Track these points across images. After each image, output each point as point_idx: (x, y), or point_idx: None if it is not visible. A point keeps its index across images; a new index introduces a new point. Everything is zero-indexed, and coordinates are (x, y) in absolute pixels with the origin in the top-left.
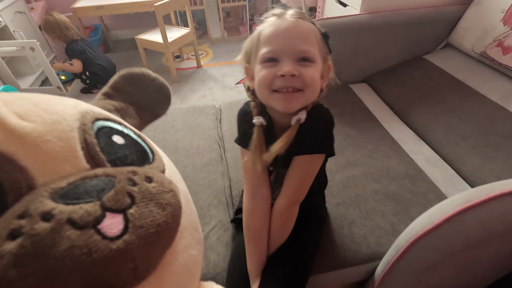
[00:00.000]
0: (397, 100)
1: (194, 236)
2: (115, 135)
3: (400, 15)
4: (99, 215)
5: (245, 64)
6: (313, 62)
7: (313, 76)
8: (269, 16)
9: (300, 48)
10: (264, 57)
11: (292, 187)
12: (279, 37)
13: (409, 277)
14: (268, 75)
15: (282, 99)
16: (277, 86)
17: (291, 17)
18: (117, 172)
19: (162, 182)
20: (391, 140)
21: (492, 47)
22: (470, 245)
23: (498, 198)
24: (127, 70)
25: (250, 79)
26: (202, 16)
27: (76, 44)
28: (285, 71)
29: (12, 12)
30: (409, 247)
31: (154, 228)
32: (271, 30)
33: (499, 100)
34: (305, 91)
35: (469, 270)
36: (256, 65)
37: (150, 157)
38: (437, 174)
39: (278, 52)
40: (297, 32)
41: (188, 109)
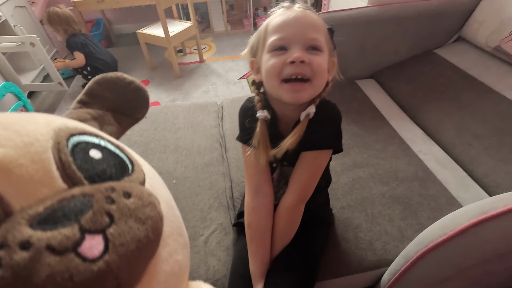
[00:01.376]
0: (406, 97)
1: (179, 241)
2: (91, 150)
3: (411, 8)
4: (79, 238)
5: (251, 58)
6: (321, 51)
7: (322, 64)
8: (277, 8)
9: (310, 36)
10: (273, 45)
11: (300, 183)
12: (289, 25)
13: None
14: (277, 63)
15: (291, 89)
16: (287, 74)
17: (299, 8)
18: (95, 190)
19: (141, 196)
20: (400, 139)
21: (508, 41)
22: (487, 260)
23: None
24: (102, 75)
25: (256, 73)
26: (205, 9)
27: (77, 38)
28: (294, 57)
29: (12, 6)
30: (419, 258)
31: (135, 244)
32: (280, 19)
33: None
34: (313, 81)
35: (483, 283)
36: (264, 55)
37: (129, 168)
38: (448, 176)
39: (288, 39)
40: (306, 21)
41: (190, 107)
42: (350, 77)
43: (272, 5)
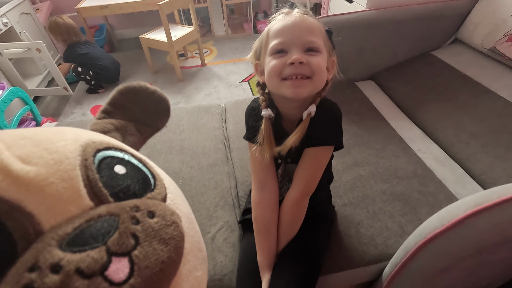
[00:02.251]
0: (405, 97)
1: (198, 257)
2: (116, 165)
3: (408, 11)
4: (106, 261)
5: (255, 61)
6: (319, 52)
7: (320, 63)
8: (277, 15)
9: (307, 39)
10: (273, 48)
11: (304, 179)
12: (287, 30)
13: (418, 280)
14: (278, 64)
15: (291, 85)
16: (287, 74)
17: (297, 13)
18: (120, 210)
19: (164, 216)
20: (399, 139)
21: (502, 42)
22: (483, 249)
23: (511, 201)
24: (125, 85)
25: (260, 75)
26: (206, 13)
27: (75, 49)
28: (293, 58)
29: (18, 13)
30: (418, 250)
31: (159, 267)
32: (279, 25)
33: (510, 97)
34: (313, 78)
35: (480, 273)
36: (266, 58)
37: (151, 183)
38: (447, 173)
39: (287, 43)
40: (303, 25)
41: (194, 109)
42: (350, 78)
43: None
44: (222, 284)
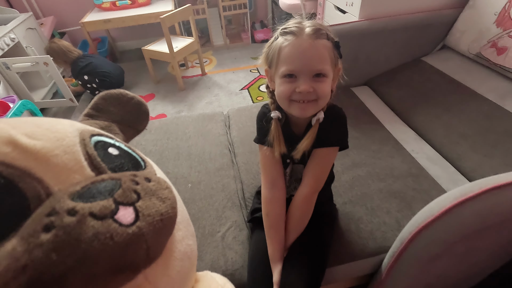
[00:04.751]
0: (398, 101)
1: (189, 230)
2: (110, 148)
3: (398, 21)
4: (114, 208)
5: (266, 67)
6: (326, 76)
7: (326, 90)
8: (287, 31)
9: (316, 67)
10: (284, 74)
11: (313, 177)
12: (297, 58)
13: (414, 268)
14: (287, 90)
15: (299, 107)
16: (295, 98)
17: (308, 38)
18: (121, 175)
19: (159, 181)
20: (394, 140)
21: (487, 48)
22: (468, 235)
23: (490, 191)
24: (106, 92)
25: (270, 80)
26: (204, 24)
27: (77, 64)
28: (302, 89)
29: (24, 28)
30: (412, 239)
31: (159, 217)
32: (289, 50)
33: (495, 99)
34: (318, 101)
35: (469, 260)
36: (276, 78)
37: (142, 165)
38: (439, 171)
39: (296, 71)
40: (313, 54)
41: (198, 117)
42: (346, 84)
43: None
44: (234, 278)
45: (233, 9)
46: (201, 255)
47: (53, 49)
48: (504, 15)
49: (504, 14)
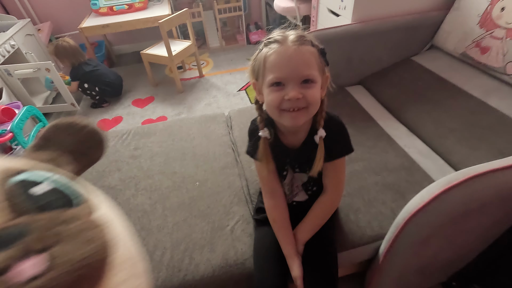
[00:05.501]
0: (390, 99)
1: (136, 268)
2: (36, 186)
3: (388, 23)
4: (8, 263)
5: (253, 80)
6: (314, 82)
7: (315, 95)
8: (271, 40)
9: (303, 73)
10: (271, 82)
11: (334, 186)
12: (283, 65)
13: (408, 251)
14: (276, 98)
15: (290, 117)
16: (285, 107)
17: (293, 44)
18: (39, 218)
19: (87, 221)
20: (387, 136)
21: (471, 48)
22: (454, 219)
23: (472, 179)
24: (57, 121)
25: (258, 93)
26: (200, 27)
27: (82, 68)
28: (291, 96)
29: (23, 35)
30: (405, 224)
31: (80, 262)
32: (275, 58)
33: (480, 95)
34: (309, 108)
35: (457, 241)
36: (264, 88)
37: (76, 202)
38: (430, 164)
39: (284, 78)
40: (299, 59)
41: (201, 118)
42: (341, 84)
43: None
44: (245, 266)
45: (228, 12)
46: (213, 247)
47: (64, 48)
48: (487, 16)
49: (487, 15)
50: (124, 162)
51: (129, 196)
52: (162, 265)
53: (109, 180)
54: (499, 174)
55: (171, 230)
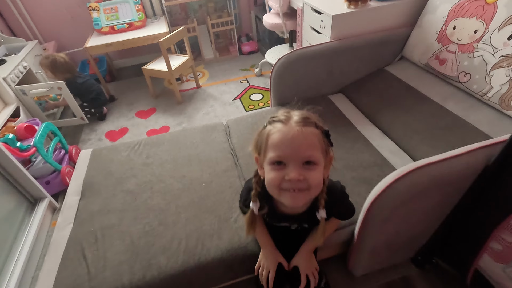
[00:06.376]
0: (367, 105)
1: None
2: None
3: (362, 39)
4: None
5: (256, 154)
6: (316, 164)
7: (317, 178)
8: (276, 119)
9: (305, 154)
10: (272, 160)
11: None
12: (286, 145)
13: (374, 229)
14: (277, 178)
15: (290, 197)
16: (285, 187)
17: (296, 125)
18: None
19: None
20: (363, 138)
21: (432, 60)
22: (404, 201)
23: (414, 171)
24: None
25: (260, 168)
26: (195, 40)
27: (76, 81)
28: (291, 176)
29: (33, 56)
30: (369, 208)
31: None
32: (278, 137)
33: (439, 100)
34: (310, 190)
35: (411, 220)
36: (265, 165)
37: None
38: (398, 161)
39: (285, 158)
40: (302, 140)
41: (203, 128)
42: (324, 93)
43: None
44: (247, 249)
45: (220, 26)
46: (220, 235)
47: (61, 63)
48: (443, 33)
49: (443, 33)
50: (138, 169)
51: (146, 198)
52: (179, 252)
53: (128, 185)
54: (434, 166)
55: (185, 224)
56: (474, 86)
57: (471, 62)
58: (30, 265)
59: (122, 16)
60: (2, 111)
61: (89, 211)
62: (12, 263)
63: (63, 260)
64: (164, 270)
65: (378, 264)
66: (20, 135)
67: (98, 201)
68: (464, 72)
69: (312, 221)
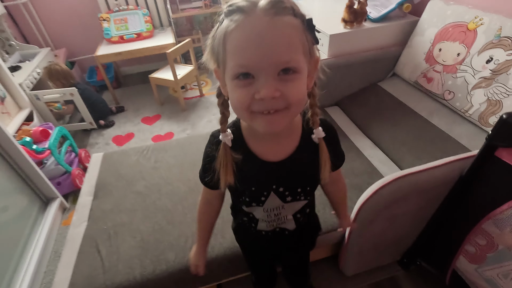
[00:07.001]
0: (359, 118)
1: None
2: None
3: (356, 57)
4: None
5: (214, 66)
6: (297, 72)
7: (299, 92)
8: (233, 8)
9: (281, 59)
10: (235, 73)
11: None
12: (251, 47)
13: (362, 230)
14: (244, 97)
15: (264, 121)
16: (257, 109)
17: (264, 14)
18: None
19: None
20: (356, 148)
21: (420, 78)
22: (388, 205)
23: (397, 179)
24: None
25: (223, 85)
26: (199, 50)
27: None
28: (263, 94)
29: (46, 62)
30: (358, 211)
31: None
32: (239, 36)
33: (426, 115)
34: (290, 109)
35: (396, 222)
36: (227, 80)
37: None
38: (387, 170)
39: (252, 67)
40: (274, 37)
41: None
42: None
43: None
44: None
45: None
46: (223, 234)
47: (56, 71)
48: (430, 54)
49: (430, 54)
50: (147, 173)
51: (154, 199)
52: (186, 248)
53: (137, 187)
54: (415, 175)
55: (190, 224)
56: (457, 103)
57: (454, 81)
58: (43, 260)
59: (131, 26)
60: (17, 115)
61: (102, 210)
62: (27, 258)
63: (80, 254)
64: (172, 265)
65: (366, 265)
66: (35, 138)
67: (110, 201)
68: (449, 91)
69: (310, 168)
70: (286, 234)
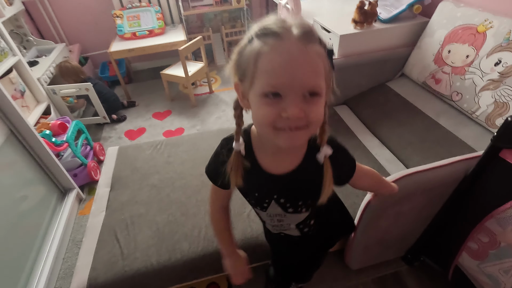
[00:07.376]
0: (367, 117)
1: None
2: None
3: (366, 57)
4: None
5: (236, 79)
6: (320, 95)
7: (318, 113)
8: (267, 32)
9: (309, 83)
10: (265, 92)
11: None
12: (284, 70)
13: (368, 227)
14: (271, 114)
15: (287, 137)
16: (281, 126)
17: (298, 41)
18: None
19: None
20: (363, 147)
21: (429, 79)
22: (394, 203)
23: (403, 178)
24: None
25: (241, 98)
26: (209, 47)
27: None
28: (290, 113)
29: (61, 57)
30: (365, 209)
31: None
32: (273, 58)
33: (433, 116)
34: (310, 128)
35: (401, 220)
36: (253, 95)
37: None
38: (393, 169)
39: (283, 88)
40: (305, 63)
41: (218, 132)
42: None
43: None
44: (258, 239)
45: (234, 36)
46: (235, 226)
47: (67, 68)
48: (439, 56)
49: (439, 55)
50: (161, 167)
51: (168, 192)
52: (200, 238)
53: (152, 180)
54: (421, 174)
55: (204, 215)
56: (464, 104)
57: (462, 83)
58: (62, 247)
59: (143, 23)
60: (36, 108)
61: (119, 201)
62: (47, 245)
63: (99, 241)
64: (187, 254)
65: (371, 260)
66: (54, 131)
67: (127, 193)
68: (456, 92)
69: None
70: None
